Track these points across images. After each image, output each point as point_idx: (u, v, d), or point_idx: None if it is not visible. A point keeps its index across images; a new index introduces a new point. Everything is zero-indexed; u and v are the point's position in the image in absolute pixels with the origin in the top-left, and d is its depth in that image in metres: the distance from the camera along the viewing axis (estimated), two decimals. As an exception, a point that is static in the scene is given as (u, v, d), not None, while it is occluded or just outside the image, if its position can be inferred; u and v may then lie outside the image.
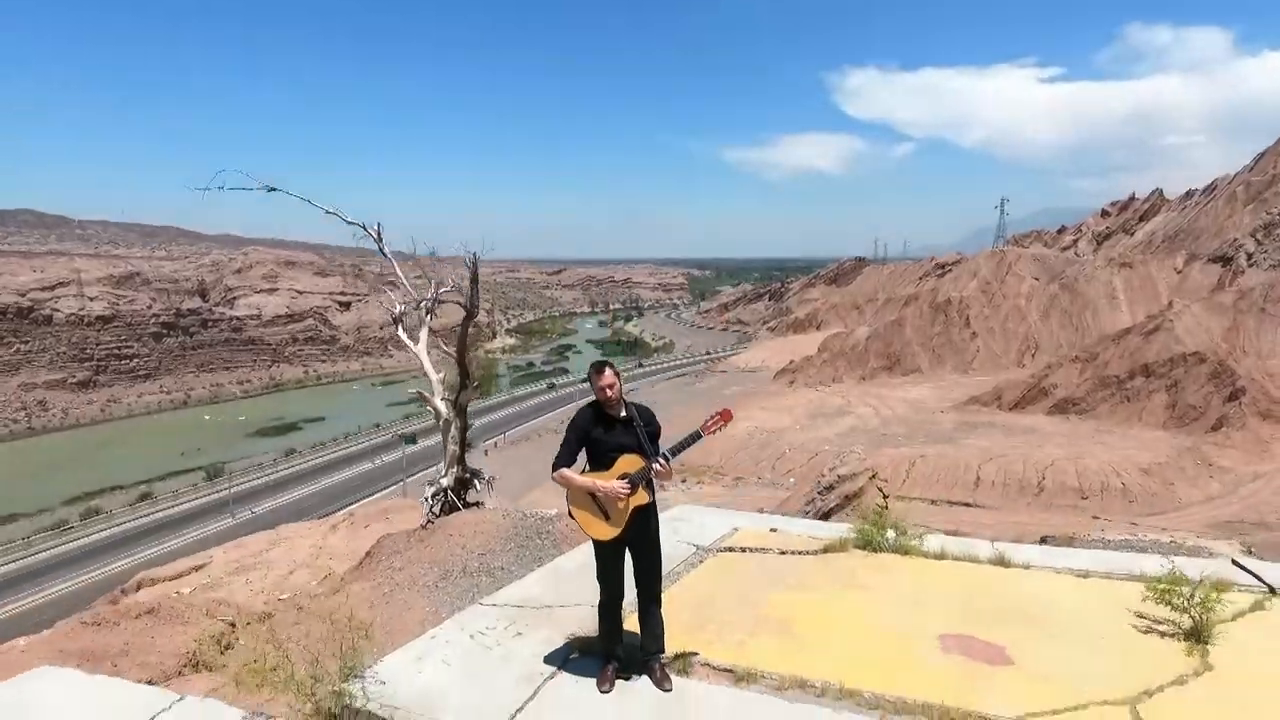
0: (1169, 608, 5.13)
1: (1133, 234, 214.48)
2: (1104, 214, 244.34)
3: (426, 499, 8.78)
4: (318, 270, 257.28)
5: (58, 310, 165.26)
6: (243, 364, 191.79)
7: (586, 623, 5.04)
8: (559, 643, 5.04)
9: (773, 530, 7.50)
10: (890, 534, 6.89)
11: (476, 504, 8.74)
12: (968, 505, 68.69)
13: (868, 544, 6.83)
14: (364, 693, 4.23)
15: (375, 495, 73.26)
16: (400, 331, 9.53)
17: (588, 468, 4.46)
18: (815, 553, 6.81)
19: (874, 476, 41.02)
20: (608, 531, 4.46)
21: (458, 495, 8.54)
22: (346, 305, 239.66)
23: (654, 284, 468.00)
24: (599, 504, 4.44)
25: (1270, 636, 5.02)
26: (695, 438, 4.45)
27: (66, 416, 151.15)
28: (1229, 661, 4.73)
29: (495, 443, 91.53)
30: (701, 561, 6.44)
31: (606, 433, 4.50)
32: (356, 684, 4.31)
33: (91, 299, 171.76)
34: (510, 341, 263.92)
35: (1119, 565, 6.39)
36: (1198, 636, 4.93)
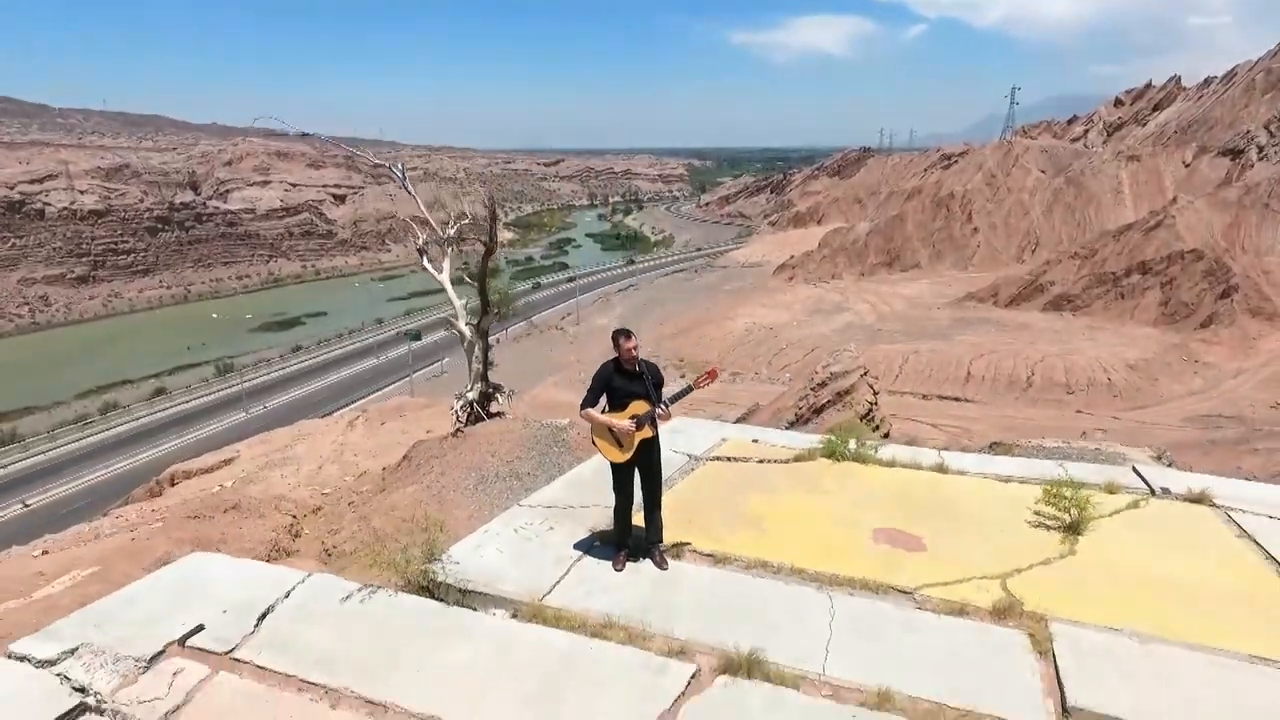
0: (1055, 507, 6.40)
1: (1145, 124, 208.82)
2: (1117, 102, 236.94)
3: (455, 410, 9.94)
4: (311, 162, 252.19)
5: (49, 205, 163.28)
6: (240, 259, 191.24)
7: (603, 520, 6.35)
8: (583, 535, 6.37)
9: (754, 441, 8.73)
10: (851, 445, 8.08)
11: (498, 414, 9.90)
12: (958, 400, 70.84)
13: (832, 454, 8.04)
14: (444, 570, 5.61)
15: (383, 390, 75.46)
16: (425, 262, 10.39)
17: (607, 408, 5.58)
18: (787, 461, 8.07)
19: (865, 374, 42.55)
20: (621, 456, 5.72)
21: (482, 407, 9.68)
22: (342, 198, 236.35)
23: (654, 175, 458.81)
24: (614, 435, 5.62)
25: (1132, 529, 6.29)
26: (687, 390, 5.68)
27: (70, 312, 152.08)
28: (1090, 547, 6.04)
29: (497, 339, 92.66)
30: (693, 470, 7.73)
31: (623, 383, 5.71)
32: (437, 565, 5.71)
33: (82, 192, 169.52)
34: (508, 236, 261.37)
35: (1037, 471, 7.62)
36: (1074, 529, 6.21)
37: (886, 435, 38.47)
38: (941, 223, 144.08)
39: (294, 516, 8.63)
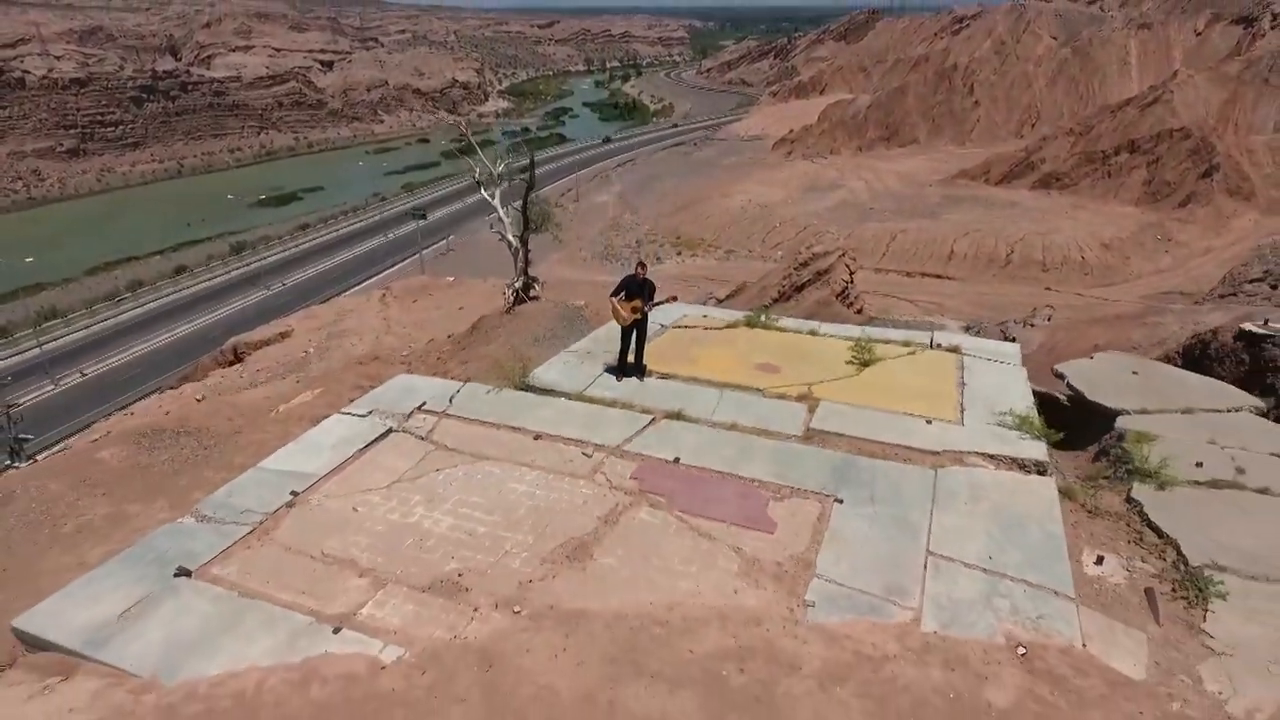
0: (855, 352, 10.67)
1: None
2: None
3: (506, 294, 13.77)
4: (293, 24, 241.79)
5: (28, 72, 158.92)
6: (230, 131, 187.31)
7: (610, 359, 10.69)
8: (600, 366, 10.70)
9: (704, 316, 12.82)
10: (762, 318, 12.14)
11: (536, 298, 13.70)
12: (939, 277, 74.28)
13: (750, 324, 12.13)
14: (532, 379, 10.22)
15: (396, 267, 78.52)
16: (483, 191, 13.82)
17: (623, 296, 9.53)
18: (720, 328, 12.17)
19: (843, 255, 46.02)
20: (624, 322, 9.63)
21: (525, 292, 13.48)
22: (329, 65, 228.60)
23: (653, 38, 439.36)
24: (621, 312, 9.55)
25: (899, 365, 10.59)
26: (661, 303, 9.66)
27: (64, 186, 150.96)
28: (868, 374, 10.28)
29: (491, 224, 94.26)
30: (663, 333, 11.97)
31: (634, 289, 9.73)
32: (528, 378, 10.02)
33: (58, 58, 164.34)
34: (503, 105, 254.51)
35: (867, 334, 11.77)
36: (865, 364, 10.39)
37: (860, 311, 42.47)
38: (943, 96, 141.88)
39: (437, 357, 12.76)
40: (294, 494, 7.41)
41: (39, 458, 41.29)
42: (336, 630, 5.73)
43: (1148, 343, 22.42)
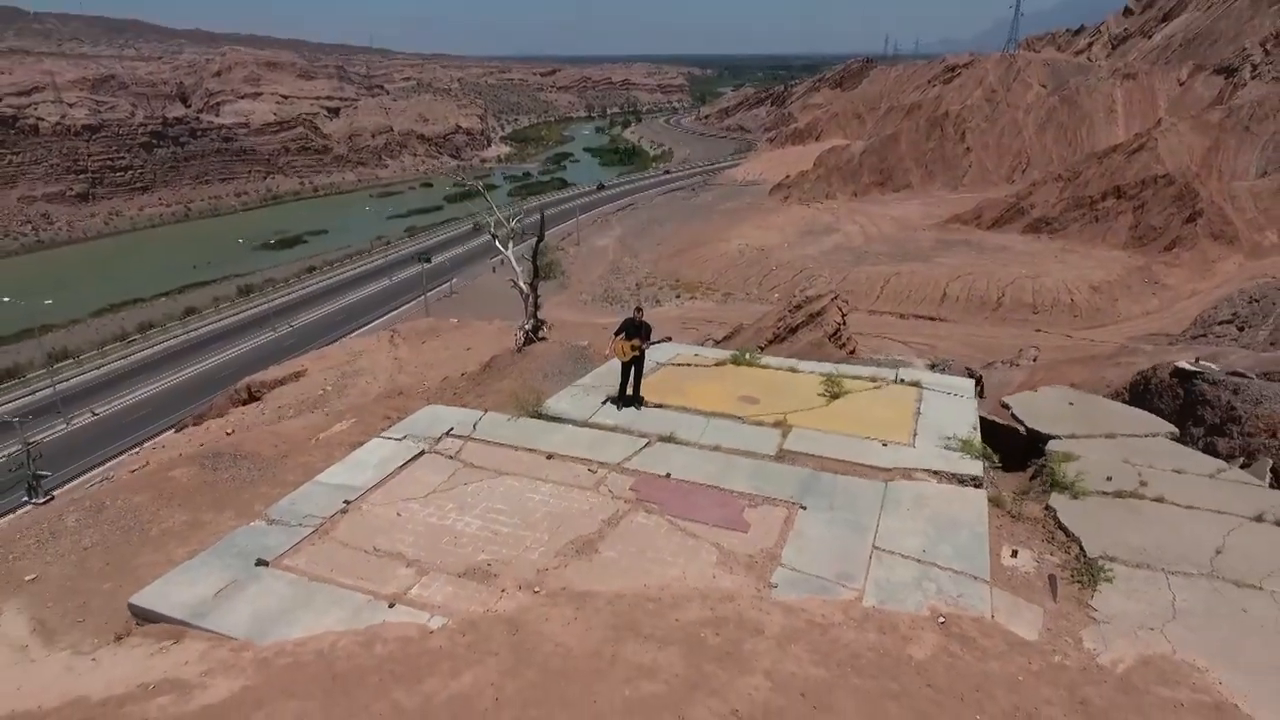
0: (827, 386, 12.04)
1: (1151, 37, 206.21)
2: (1127, 11, 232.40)
3: (517, 335, 15.31)
4: (301, 72, 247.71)
5: (42, 120, 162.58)
6: (238, 175, 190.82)
7: (612, 391, 12.10)
8: (603, 397, 12.27)
9: (695, 355, 14.35)
10: (749, 354, 13.60)
11: (543, 339, 15.22)
12: (932, 319, 76.03)
13: (736, 362, 13.62)
14: (544, 409, 11.63)
15: (399, 310, 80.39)
16: (496, 242, 15.45)
17: (623, 335, 11.00)
18: (709, 366, 13.67)
19: (835, 298, 47.76)
20: (624, 358, 11.13)
21: (534, 333, 15.00)
22: (335, 111, 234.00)
23: (653, 85, 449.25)
24: (621, 350, 11.05)
25: (865, 397, 11.96)
26: (657, 341, 11.17)
27: (73, 230, 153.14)
28: (837, 405, 11.64)
29: (493, 267, 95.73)
30: (658, 370, 13.42)
31: (631, 329, 11.07)
32: (540, 407, 11.37)
33: (71, 105, 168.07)
34: (505, 150, 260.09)
35: (840, 370, 13.22)
36: (835, 396, 11.76)
37: (852, 351, 43.96)
38: (935, 142, 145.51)
39: (453, 393, 14.15)
40: (346, 502, 8.82)
41: (56, 494, 42.52)
42: (391, 605, 7.10)
43: (1120, 381, 23.89)
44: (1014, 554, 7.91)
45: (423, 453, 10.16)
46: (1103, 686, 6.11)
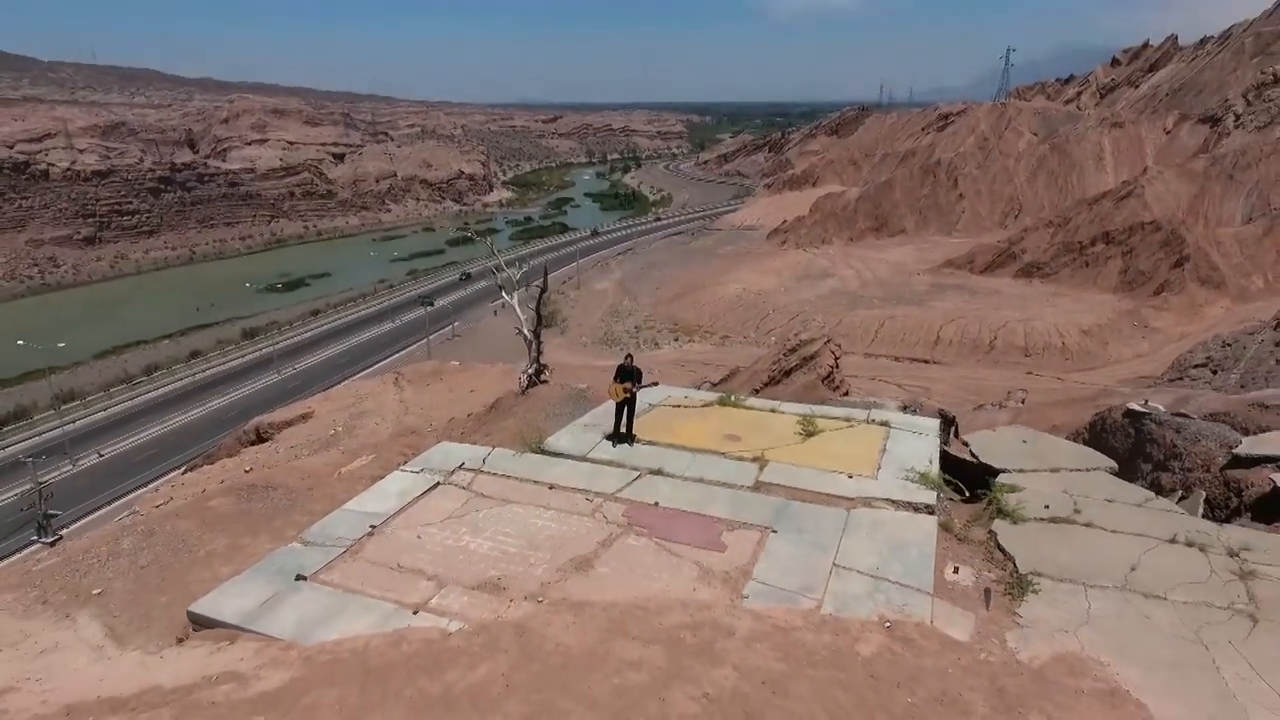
0: (803, 425, 13.23)
1: (1138, 86, 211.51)
2: (1114, 62, 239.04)
3: (521, 379, 16.57)
4: (307, 119, 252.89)
5: (53, 165, 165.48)
6: (243, 219, 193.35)
7: (608, 429, 13.21)
8: (600, 435, 13.34)
9: (685, 396, 15.59)
10: (734, 396, 14.83)
11: (545, 382, 16.47)
12: (926, 362, 77.43)
13: (724, 403, 14.84)
14: (546, 445, 12.83)
15: (403, 353, 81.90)
16: (503, 294, 16.82)
17: (616, 379, 12.27)
18: (697, 407, 14.90)
19: (828, 342, 49.15)
20: (617, 399, 12.39)
21: (537, 377, 16.27)
22: (340, 157, 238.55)
23: (653, 132, 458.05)
24: (615, 392, 12.32)
25: (838, 435, 13.12)
26: (646, 385, 12.41)
27: (79, 273, 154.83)
28: (811, 442, 12.80)
29: (494, 310, 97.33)
30: (650, 410, 14.63)
31: (624, 373, 12.35)
32: (543, 444, 12.53)
33: (81, 151, 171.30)
34: (507, 195, 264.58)
35: (817, 410, 14.43)
36: (810, 434, 12.96)
37: (846, 393, 45.13)
38: (929, 189, 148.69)
39: (460, 433, 15.34)
40: (372, 527, 9.99)
41: (64, 532, 43.37)
42: (415, 612, 8.24)
43: (1080, 422, 25.05)
44: (956, 570, 9.05)
45: (438, 484, 11.33)
46: (1019, 677, 7.23)
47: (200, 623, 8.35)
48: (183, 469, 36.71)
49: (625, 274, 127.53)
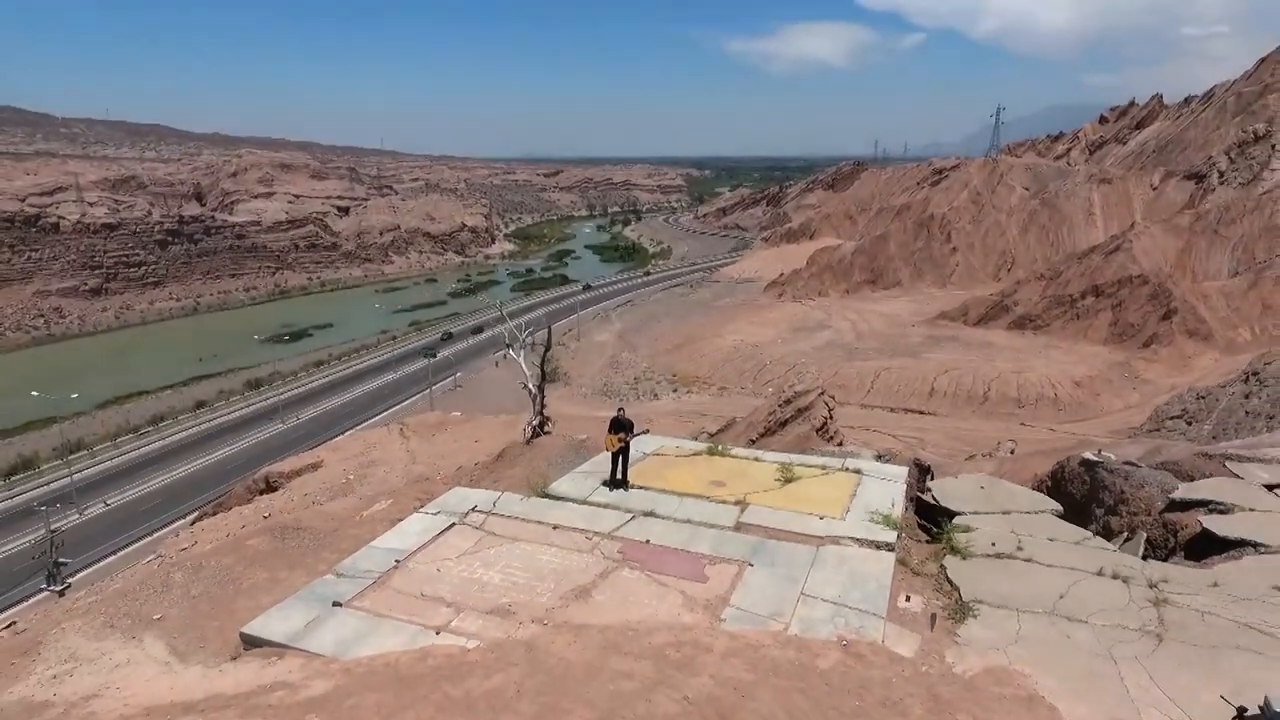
0: (783, 473, 14.62)
1: (1125, 143, 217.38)
2: (1102, 120, 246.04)
3: (526, 430, 18.00)
4: (314, 173, 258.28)
5: (63, 218, 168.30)
6: (247, 271, 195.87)
7: (606, 476, 14.58)
8: (598, 481, 14.78)
9: (676, 446, 17.00)
10: (721, 446, 16.25)
11: (548, 433, 17.90)
12: (920, 413, 78.66)
13: (712, 453, 16.25)
14: (550, 490, 14.18)
15: (405, 403, 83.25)
16: (510, 349, 18.37)
17: (610, 431, 13.72)
18: (688, 456, 16.30)
19: (822, 393, 50.58)
20: (612, 449, 13.89)
21: (540, 428, 17.69)
22: (345, 210, 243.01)
23: (652, 185, 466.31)
24: (609, 443, 13.77)
25: (813, 481, 14.50)
26: (638, 434, 13.88)
27: (84, 323, 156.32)
28: (790, 487, 14.21)
29: (496, 362, 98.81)
30: (643, 459, 16.02)
31: (617, 424, 13.81)
32: (547, 489, 13.95)
33: (91, 204, 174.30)
34: (509, 247, 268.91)
35: (796, 459, 15.81)
36: (789, 480, 14.35)
37: (841, 444, 46.33)
38: (924, 242, 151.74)
39: (470, 479, 16.69)
40: (397, 561, 11.32)
41: (71, 580, 44.15)
42: (438, 633, 9.53)
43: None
44: (908, 599, 10.35)
45: (454, 524, 12.67)
46: (952, 686, 8.51)
47: (251, 642, 9.64)
48: (194, 516, 37.79)
49: (625, 325, 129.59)
